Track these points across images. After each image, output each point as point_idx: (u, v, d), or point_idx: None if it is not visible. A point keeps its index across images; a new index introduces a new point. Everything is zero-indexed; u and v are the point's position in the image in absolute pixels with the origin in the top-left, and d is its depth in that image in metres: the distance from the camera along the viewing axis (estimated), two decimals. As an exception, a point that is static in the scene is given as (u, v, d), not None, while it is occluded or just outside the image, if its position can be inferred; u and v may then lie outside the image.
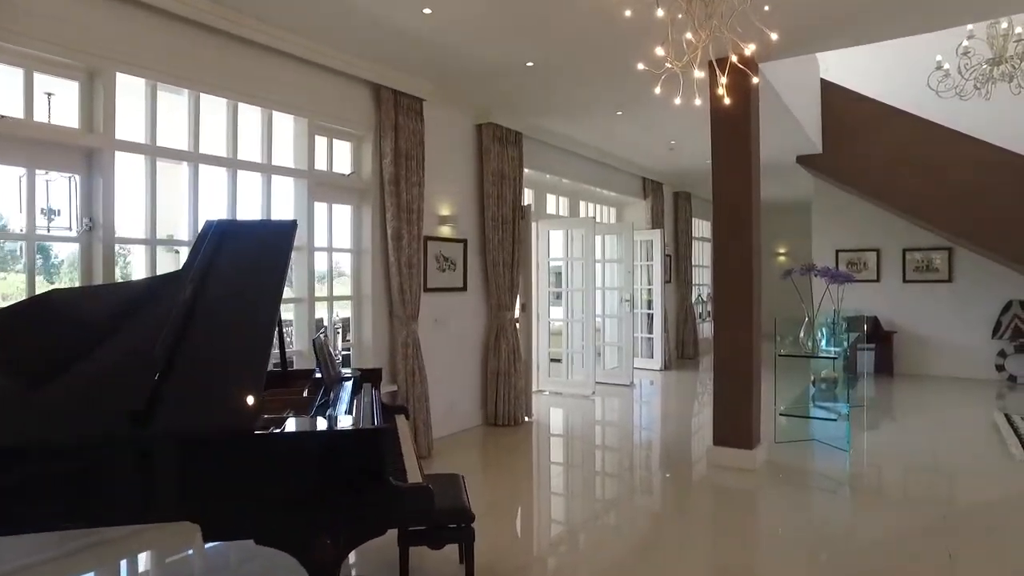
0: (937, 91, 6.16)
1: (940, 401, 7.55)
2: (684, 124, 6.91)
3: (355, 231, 5.21)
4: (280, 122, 4.62)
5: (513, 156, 6.41)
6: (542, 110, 6.32)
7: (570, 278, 8.19)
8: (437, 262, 5.75)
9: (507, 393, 6.20)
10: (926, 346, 8.92)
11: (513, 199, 6.37)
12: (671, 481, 4.68)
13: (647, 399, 8.09)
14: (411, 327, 5.17)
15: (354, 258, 5.22)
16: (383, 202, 5.13)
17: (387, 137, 5.07)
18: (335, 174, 5.04)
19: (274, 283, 2.60)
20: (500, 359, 6.22)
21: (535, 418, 6.64)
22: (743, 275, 4.70)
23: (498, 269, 6.20)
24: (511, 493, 4.50)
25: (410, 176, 5.18)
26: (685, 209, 10.99)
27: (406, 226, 5.13)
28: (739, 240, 4.75)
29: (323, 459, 2.09)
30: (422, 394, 5.19)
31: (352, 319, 5.23)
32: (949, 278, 8.77)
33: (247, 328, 2.38)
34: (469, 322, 6.16)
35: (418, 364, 5.18)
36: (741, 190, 4.75)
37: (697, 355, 11.13)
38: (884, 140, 7.88)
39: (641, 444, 5.86)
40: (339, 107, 4.85)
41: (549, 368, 8.00)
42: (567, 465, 5.27)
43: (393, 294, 5.16)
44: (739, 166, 4.77)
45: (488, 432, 6.05)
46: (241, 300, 2.56)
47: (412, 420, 5.09)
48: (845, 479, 4.65)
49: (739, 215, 4.76)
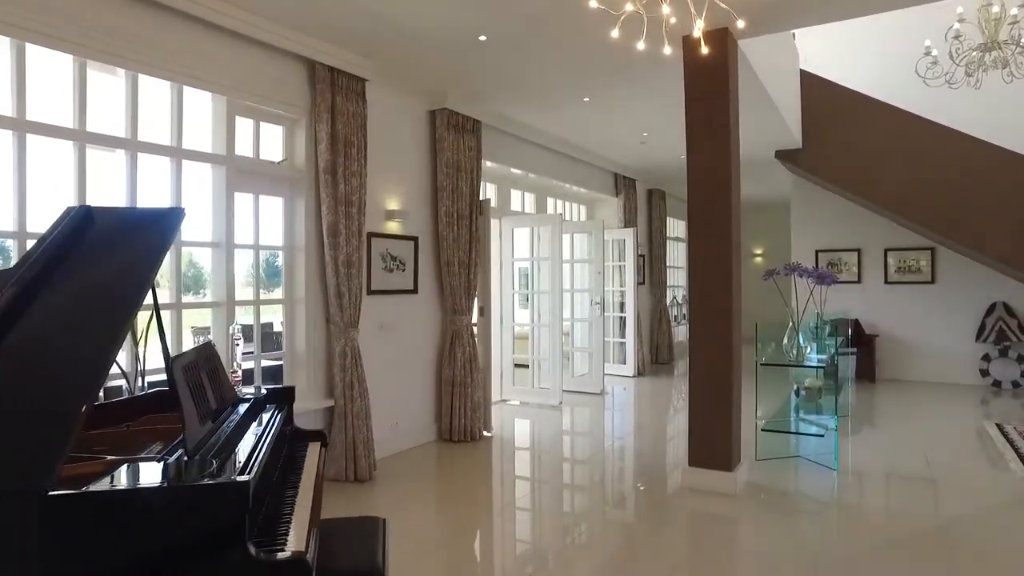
0: (925, 79, 5.74)
1: (926, 409, 7.15)
2: (656, 114, 6.43)
3: (287, 226, 4.61)
4: (195, 100, 4.03)
5: (470, 146, 5.86)
6: (502, 95, 5.78)
7: (538, 279, 7.65)
8: (383, 261, 5.18)
9: (463, 406, 5.64)
10: (909, 350, 8.54)
11: (470, 193, 5.82)
12: (643, 507, 4.16)
13: (619, 407, 7.58)
14: (350, 334, 4.59)
15: (286, 256, 4.62)
16: (318, 193, 4.56)
17: (322, 121, 4.49)
18: (263, 162, 4.45)
19: (133, 287, 2.01)
20: (455, 368, 5.66)
21: (495, 432, 6.09)
22: (721, 279, 4.20)
23: (453, 269, 5.64)
24: (456, 526, 3.94)
25: (349, 165, 4.60)
26: (659, 207, 10.53)
27: (344, 221, 4.55)
28: (717, 239, 4.24)
29: (147, 523, 1.51)
30: (362, 410, 4.61)
31: (284, 326, 4.64)
32: (932, 279, 8.40)
33: (75, 348, 1.79)
34: (421, 328, 5.60)
35: (357, 376, 4.60)
36: (719, 181, 4.25)
37: (672, 359, 10.67)
38: (867, 134, 7.48)
39: (611, 462, 5.33)
40: (267, 85, 4.25)
41: (514, 376, 7.46)
42: (527, 489, 4.72)
43: (330, 297, 4.58)
44: (717, 152, 4.27)
45: (442, 449, 5.49)
46: (83, 311, 1.97)
47: (348, 441, 4.51)
48: (833, 502, 4.17)
49: (716, 211, 4.26)
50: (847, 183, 7.70)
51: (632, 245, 9.06)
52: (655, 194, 10.45)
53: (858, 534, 3.68)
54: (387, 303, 5.23)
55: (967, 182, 6.77)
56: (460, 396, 5.64)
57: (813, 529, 3.79)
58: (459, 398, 5.64)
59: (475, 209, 5.85)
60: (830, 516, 3.95)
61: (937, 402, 7.44)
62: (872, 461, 5.16)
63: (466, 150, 5.79)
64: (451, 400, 5.66)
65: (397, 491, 4.44)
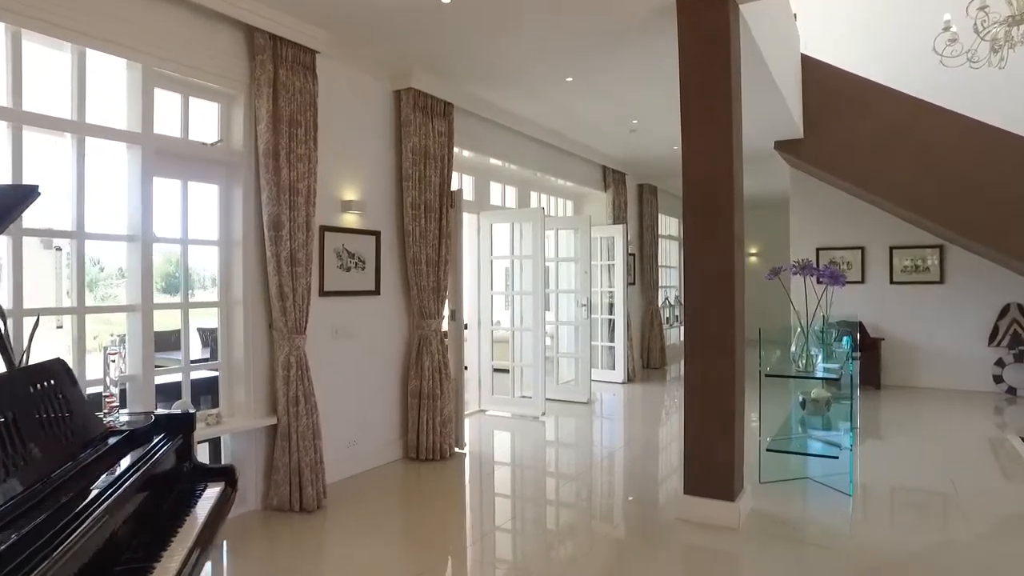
0: (943, 57, 5.19)
1: (938, 418, 6.60)
2: (646, 99, 5.86)
3: (224, 218, 4.01)
4: (105, 67, 3.42)
5: (441, 130, 5.27)
6: (475, 74, 5.20)
7: (520, 279, 7.06)
8: (339, 259, 4.58)
9: (431, 420, 5.05)
10: (916, 354, 8.01)
11: (440, 183, 5.22)
12: (633, 544, 3.58)
13: (608, 416, 7.01)
14: (295, 342, 3.99)
15: (222, 253, 4.02)
16: (258, 180, 3.96)
17: (262, 96, 3.89)
18: (193, 143, 3.84)
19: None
20: (423, 378, 5.06)
21: (470, 448, 5.49)
22: (722, 278, 3.62)
23: (421, 268, 5.05)
24: (415, 565, 3.34)
25: (295, 148, 4.00)
26: (651, 203, 9.96)
27: (288, 212, 3.95)
28: (716, 232, 3.67)
29: None
30: (309, 428, 4.00)
31: (220, 332, 4.03)
32: (941, 279, 7.87)
33: None
34: (384, 334, 5.00)
35: (303, 390, 4.00)
36: (719, 167, 3.67)
37: (664, 364, 10.11)
38: (873, 123, 6.92)
39: (599, 483, 4.75)
40: (196, 54, 3.65)
41: (493, 384, 6.87)
42: (501, 518, 4.13)
43: (272, 299, 3.98)
44: (716, 133, 3.69)
45: (407, 469, 4.89)
46: None
47: (293, 465, 3.91)
48: (851, 534, 3.60)
49: (716, 201, 3.68)
50: (852, 176, 7.15)
51: (622, 243, 8.48)
52: (646, 189, 9.89)
53: (881, 573, 3.12)
54: (344, 306, 4.63)
55: (984, 174, 6.23)
56: (428, 409, 5.05)
57: (830, 568, 3.21)
58: (427, 411, 5.05)
59: (446, 201, 5.25)
60: (848, 551, 3.38)
61: (949, 411, 6.90)
62: (888, 482, 4.60)
63: (435, 135, 5.20)
64: (418, 414, 5.06)
65: (349, 521, 3.84)
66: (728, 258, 3.60)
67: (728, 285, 3.60)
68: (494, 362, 6.87)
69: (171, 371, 3.93)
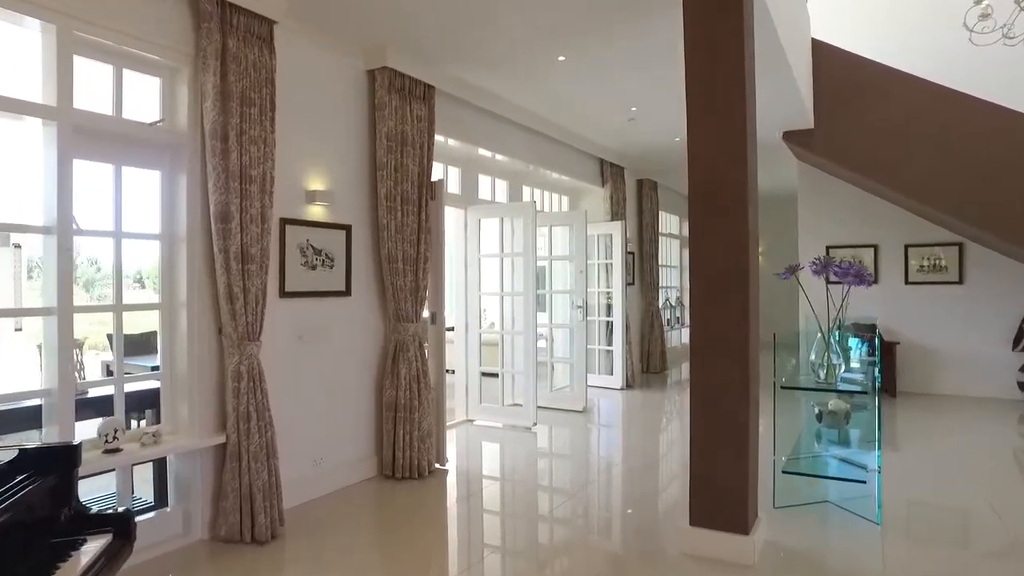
0: (973, 33, 4.71)
1: (961, 429, 6.12)
2: (646, 81, 5.37)
3: (166, 208, 3.52)
4: (18, 31, 2.94)
5: (420, 115, 4.78)
6: (459, 53, 4.71)
7: (512, 279, 6.58)
8: (303, 255, 4.10)
9: (408, 435, 4.56)
10: (934, 359, 7.52)
11: (419, 172, 4.74)
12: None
13: (605, 426, 6.53)
14: (247, 349, 3.50)
15: (165, 249, 3.53)
16: (204, 166, 3.47)
17: (209, 70, 3.41)
18: (127, 121, 3.35)
19: None
20: (399, 388, 4.58)
21: (453, 464, 5.01)
22: (733, 277, 3.14)
23: (397, 266, 4.56)
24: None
25: (248, 129, 3.52)
26: (651, 199, 9.48)
27: (239, 201, 3.47)
28: (727, 225, 3.18)
29: None
30: (262, 447, 3.52)
31: (161, 338, 3.55)
32: (960, 279, 7.39)
33: None
34: (355, 339, 4.51)
35: (256, 404, 3.51)
36: (730, 151, 3.19)
37: (665, 368, 9.63)
38: (890, 111, 6.45)
39: (594, 509, 4.26)
40: (127, 18, 3.17)
41: (481, 391, 6.38)
42: (479, 550, 3.63)
43: (220, 301, 3.49)
44: (727, 113, 3.21)
45: (381, 490, 4.40)
46: None
47: (243, 490, 3.43)
48: (883, 570, 3.11)
49: (727, 189, 3.20)
50: (867, 168, 6.67)
51: (620, 241, 8.00)
52: (646, 184, 9.40)
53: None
54: (309, 308, 4.15)
55: (1012, 166, 5.76)
56: (405, 423, 4.56)
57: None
58: (404, 425, 4.56)
59: (425, 192, 4.77)
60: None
61: (971, 420, 6.42)
62: (916, 503, 4.11)
63: (414, 120, 4.72)
64: (394, 427, 4.58)
65: (310, 552, 3.36)
66: (741, 249, 3.12)
67: (742, 285, 3.11)
68: (482, 367, 6.38)
69: (99, 384, 3.44)
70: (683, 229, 12.17)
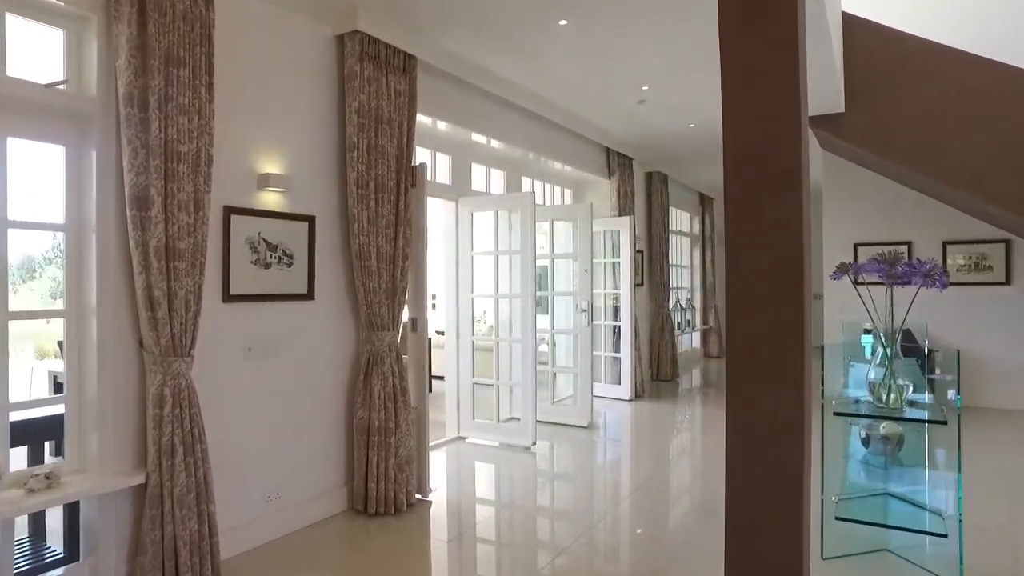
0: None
1: (1021, 449, 5.41)
2: (658, 50, 4.68)
3: (72, 191, 2.85)
4: None
5: (399, 89, 4.10)
6: (443, 14, 4.02)
7: (509, 279, 5.88)
8: (254, 251, 3.41)
9: (384, 462, 3.88)
10: (980, 369, 6.80)
11: (397, 155, 4.06)
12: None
13: (612, 443, 5.83)
14: (172, 367, 2.82)
15: (70, 241, 2.86)
16: (119, 139, 2.80)
17: (123, 19, 2.74)
18: (17, 81, 2.67)
19: None
20: (372, 408, 3.89)
21: (440, 492, 4.32)
22: (785, 276, 2.43)
23: (370, 264, 3.88)
24: None
25: (176, 95, 2.84)
26: (661, 194, 8.78)
27: (162, 183, 2.79)
28: (776, 209, 2.48)
29: None
30: (191, 488, 2.84)
31: (66, 353, 2.87)
32: (1007, 279, 6.67)
33: None
34: (319, 351, 3.82)
35: (184, 436, 2.83)
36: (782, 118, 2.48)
37: (676, 375, 8.92)
38: (933, 92, 5.75)
39: (602, 551, 3.57)
40: (12, -51, 2.50)
41: (474, 405, 5.69)
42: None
43: (139, 307, 2.81)
44: (775, 70, 2.50)
45: (351, 528, 3.72)
46: None
47: (166, 542, 2.75)
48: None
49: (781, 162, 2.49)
50: (905, 156, 5.96)
51: (628, 238, 7.30)
52: (655, 177, 8.70)
53: None
54: (261, 314, 3.47)
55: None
56: (380, 448, 3.88)
57: None
58: (378, 451, 3.88)
59: (404, 178, 4.09)
60: None
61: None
62: (995, 550, 3.40)
63: (391, 94, 4.03)
64: (366, 455, 3.89)
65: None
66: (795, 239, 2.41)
67: (794, 279, 2.41)
68: (475, 378, 5.70)
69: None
70: (694, 227, 11.47)
